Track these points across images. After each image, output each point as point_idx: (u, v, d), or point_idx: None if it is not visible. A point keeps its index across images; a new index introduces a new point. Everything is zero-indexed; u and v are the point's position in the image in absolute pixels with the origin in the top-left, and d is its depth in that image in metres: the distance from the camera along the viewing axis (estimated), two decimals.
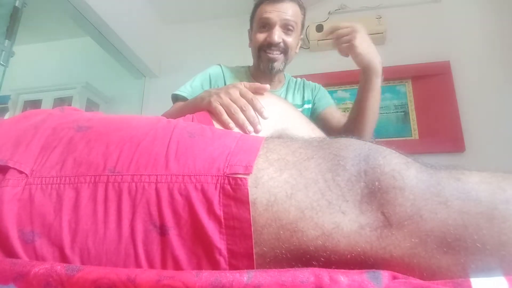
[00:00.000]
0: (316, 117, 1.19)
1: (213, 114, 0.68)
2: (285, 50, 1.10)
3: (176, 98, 1.12)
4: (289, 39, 1.09)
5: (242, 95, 0.70)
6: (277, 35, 1.07)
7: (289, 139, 0.46)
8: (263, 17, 1.08)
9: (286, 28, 1.08)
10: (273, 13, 1.07)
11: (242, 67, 1.26)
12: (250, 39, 1.20)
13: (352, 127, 1.05)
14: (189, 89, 1.12)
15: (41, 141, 0.43)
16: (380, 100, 1.03)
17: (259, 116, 0.67)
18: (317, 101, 1.23)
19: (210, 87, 1.15)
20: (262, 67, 1.12)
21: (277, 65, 1.10)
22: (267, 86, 0.73)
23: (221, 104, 0.69)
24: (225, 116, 0.67)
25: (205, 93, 0.77)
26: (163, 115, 1.01)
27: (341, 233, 0.35)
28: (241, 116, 0.66)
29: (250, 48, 1.20)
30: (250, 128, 0.66)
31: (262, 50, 1.10)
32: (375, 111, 1.03)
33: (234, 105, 0.68)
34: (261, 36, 1.10)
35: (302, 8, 1.13)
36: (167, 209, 0.36)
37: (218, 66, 1.21)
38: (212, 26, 2.66)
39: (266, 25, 1.09)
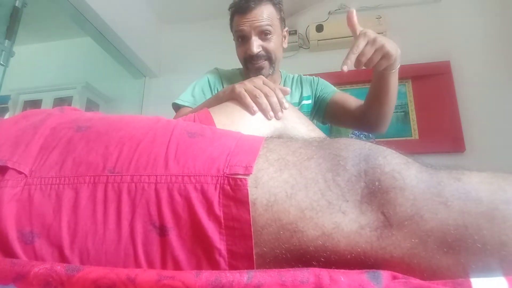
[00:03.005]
0: (327, 105, 1.18)
1: (237, 98, 0.72)
2: (268, 56, 1.08)
3: (178, 107, 1.11)
4: (270, 44, 1.07)
5: (265, 84, 0.74)
6: (255, 45, 1.05)
7: (289, 139, 0.46)
8: (237, 30, 1.07)
9: (263, 34, 1.06)
10: (245, 24, 1.04)
11: (238, 69, 1.25)
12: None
13: (376, 111, 1.03)
14: (191, 98, 1.10)
15: (40, 141, 0.42)
16: None
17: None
18: (320, 92, 1.21)
19: (211, 91, 1.15)
20: (253, 76, 1.11)
21: (265, 71, 1.09)
22: (288, 89, 0.77)
23: (245, 90, 0.72)
24: (248, 100, 0.70)
25: (227, 87, 0.80)
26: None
27: (341, 233, 0.35)
28: (264, 101, 0.70)
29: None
30: (271, 113, 0.70)
31: (247, 61, 1.09)
32: (396, 93, 1.03)
33: (258, 91, 0.71)
34: (241, 50, 1.09)
35: (276, 4, 1.09)
36: (167, 210, 0.36)
37: (215, 70, 1.21)
38: (212, 26, 2.66)
39: (243, 37, 1.07)
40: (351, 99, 1.15)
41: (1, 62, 1.73)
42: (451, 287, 0.31)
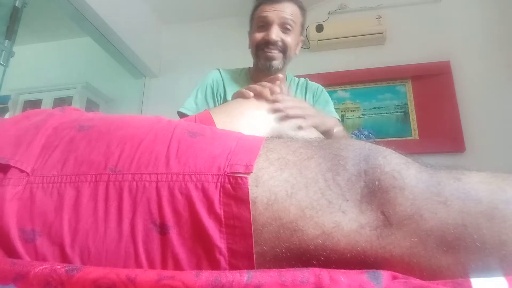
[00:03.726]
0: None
1: (234, 96, 0.74)
2: (283, 49, 1.10)
3: (183, 115, 1.12)
4: (288, 38, 1.09)
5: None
6: (275, 33, 1.07)
7: (289, 139, 0.46)
8: (261, 16, 1.08)
9: (284, 27, 1.08)
10: (271, 12, 1.07)
11: (242, 69, 1.25)
12: (249, 39, 1.20)
13: None
14: (194, 106, 1.12)
15: (42, 141, 0.43)
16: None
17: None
18: (317, 107, 1.20)
19: (213, 96, 1.15)
20: (261, 66, 1.12)
21: (276, 63, 1.10)
22: (280, 75, 0.78)
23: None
24: (244, 89, 0.73)
25: None
26: None
27: (341, 233, 0.35)
28: (258, 87, 0.72)
29: (250, 49, 1.20)
30: (267, 93, 0.71)
31: (260, 48, 1.10)
32: None
33: (254, 85, 0.74)
34: (259, 35, 1.10)
35: (302, 9, 1.13)
36: (168, 208, 0.36)
37: (217, 71, 1.21)
38: (212, 26, 2.66)
39: (265, 24, 1.09)
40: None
41: (1, 62, 1.73)
42: (451, 287, 0.31)
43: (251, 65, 1.25)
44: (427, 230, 0.34)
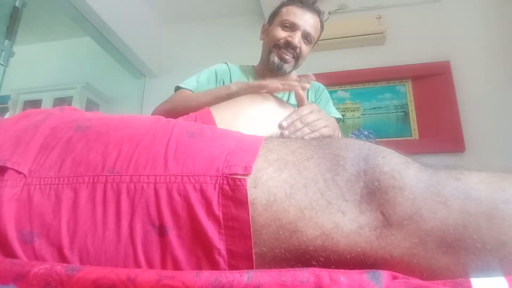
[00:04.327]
0: None
1: (256, 86, 0.76)
2: (297, 57, 1.13)
3: (179, 90, 1.14)
4: (305, 49, 1.13)
5: None
6: (298, 39, 1.11)
7: (288, 139, 0.46)
8: (291, 20, 1.11)
9: (306, 37, 1.12)
10: (301, 20, 1.11)
11: (247, 66, 1.26)
12: (265, 32, 1.21)
13: None
14: (195, 83, 1.13)
15: (40, 141, 0.42)
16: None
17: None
18: (318, 104, 1.22)
19: (216, 83, 1.16)
20: (271, 63, 1.13)
21: (286, 67, 1.13)
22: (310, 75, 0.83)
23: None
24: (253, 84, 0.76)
25: (227, 88, 0.86)
26: (164, 102, 1.03)
27: (340, 233, 0.35)
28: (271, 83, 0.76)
29: (262, 41, 1.21)
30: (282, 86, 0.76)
31: (278, 47, 1.12)
32: None
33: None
34: (282, 33, 1.12)
35: (322, 27, 1.18)
36: (166, 210, 0.36)
37: (224, 64, 1.22)
38: (212, 26, 2.66)
39: (290, 27, 1.12)
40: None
41: (1, 62, 1.74)
42: (451, 287, 0.31)
43: (255, 64, 1.26)
44: (427, 230, 0.34)
